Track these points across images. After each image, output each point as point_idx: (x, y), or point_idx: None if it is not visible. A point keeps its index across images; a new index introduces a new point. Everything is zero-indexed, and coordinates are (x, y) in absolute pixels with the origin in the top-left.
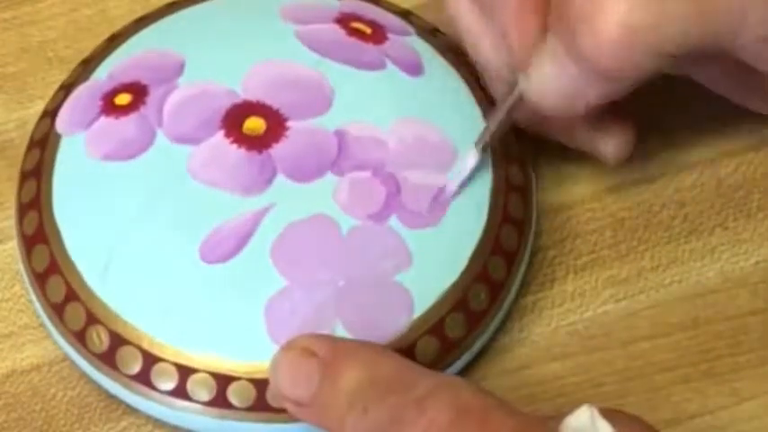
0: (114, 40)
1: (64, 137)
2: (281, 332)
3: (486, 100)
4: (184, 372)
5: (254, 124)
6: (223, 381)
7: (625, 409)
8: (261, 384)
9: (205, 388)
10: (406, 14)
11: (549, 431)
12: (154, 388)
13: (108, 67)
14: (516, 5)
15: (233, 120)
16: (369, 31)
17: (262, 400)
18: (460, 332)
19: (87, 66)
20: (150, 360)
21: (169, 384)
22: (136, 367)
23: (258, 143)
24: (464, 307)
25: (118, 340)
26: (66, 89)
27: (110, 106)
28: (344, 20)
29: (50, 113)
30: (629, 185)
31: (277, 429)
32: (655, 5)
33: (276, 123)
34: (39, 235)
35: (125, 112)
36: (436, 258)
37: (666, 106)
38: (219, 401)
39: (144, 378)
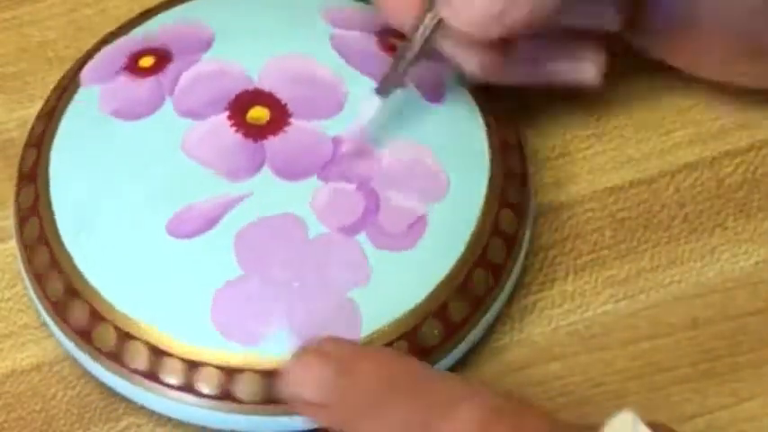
0: (146, 14)
1: (82, 87)
2: (225, 320)
3: (499, 147)
4: (123, 336)
5: (259, 113)
6: (157, 354)
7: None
8: (192, 365)
9: (140, 356)
10: None
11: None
12: (95, 347)
13: (145, 29)
14: None
15: (240, 104)
16: None
17: (190, 382)
18: None
19: (116, 33)
20: (96, 317)
21: (108, 346)
22: (83, 321)
23: (256, 132)
24: (414, 339)
25: (71, 293)
26: (98, 48)
27: (133, 65)
28: (384, 33)
29: (79, 64)
30: (629, 185)
31: (206, 412)
32: None
33: (279, 117)
34: (31, 174)
35: (144, 74)
36: (396, 283)
37: (666, 106)
38: (151, 374)
39: (87, 336)
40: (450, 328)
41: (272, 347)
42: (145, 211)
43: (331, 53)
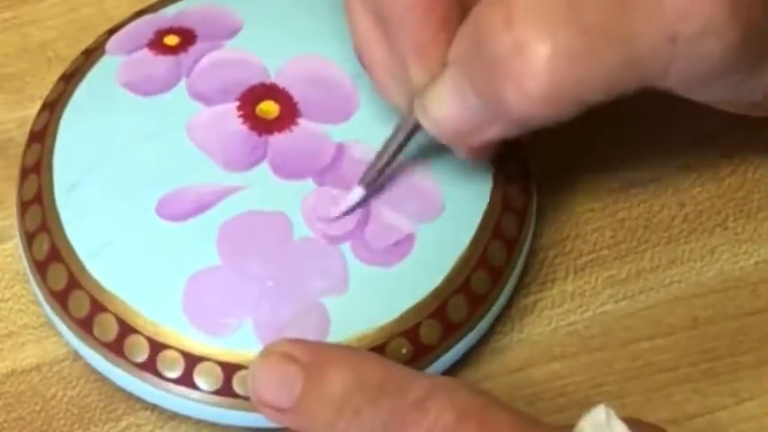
0: None
1: (106, 55)
2: (193, 306)
3: (503, 180)
4: (96, 306)
5: (269, 108)
6: (125, 329)
7: (625, 409)
8: (156, 345)
9: (108, 327)
10: None
11: (545, 428)
12: (67, 311)
13: (178, 8)
14: (418, 33)
15: (252, 96)
16: None
17: (153, 362)
18: None
19: (150, 9)
20: (72, 282)
21: (82, 312)
22: (60, 285)
23: (262, 126)
24: (381, 353)
25: (53, 257)
26: (131, 19)
27: (157, 42)
28: None
29: (112, 31)
30: (629, 185)
31: (163, 394)
32: (581, 58)
33: (288, 114)
34: (41, 133)
35: (166, 52)
36: (369, 299)
37: (666, 106)
38: (117, 348)
39: (63, 298)
40: (419, 348)
41: (235, 341)
42: (137, 187)
43: (352, 59)
